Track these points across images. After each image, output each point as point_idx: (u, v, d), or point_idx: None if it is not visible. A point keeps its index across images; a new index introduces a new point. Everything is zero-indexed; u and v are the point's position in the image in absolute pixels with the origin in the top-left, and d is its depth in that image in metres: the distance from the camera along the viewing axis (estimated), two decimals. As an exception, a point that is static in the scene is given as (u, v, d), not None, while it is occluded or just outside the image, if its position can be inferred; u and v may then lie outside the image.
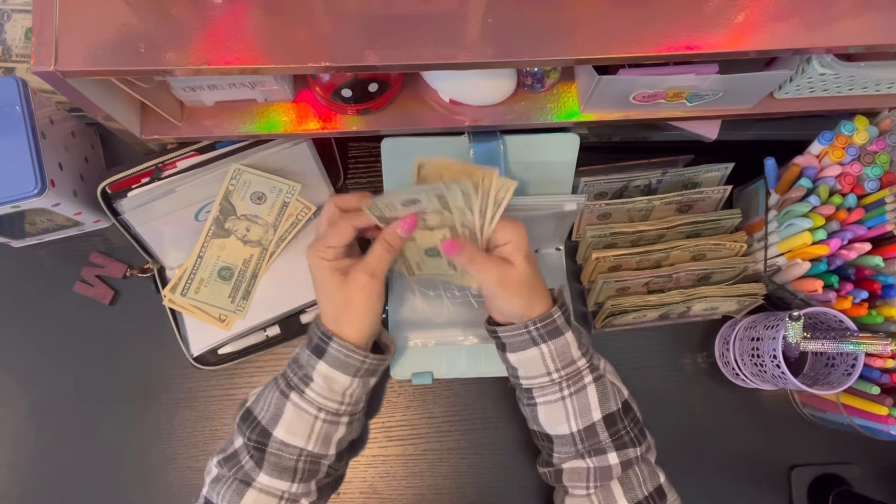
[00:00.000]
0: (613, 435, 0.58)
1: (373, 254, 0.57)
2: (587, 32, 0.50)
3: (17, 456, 0.71)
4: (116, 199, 0.65)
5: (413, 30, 0.49)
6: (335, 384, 0.58)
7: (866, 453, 0.75)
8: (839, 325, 0.66)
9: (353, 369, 0.58)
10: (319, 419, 0.58)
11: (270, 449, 0.57)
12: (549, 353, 0.58)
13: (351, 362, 0.57)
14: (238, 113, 0.63)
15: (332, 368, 0.57)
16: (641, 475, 0.59)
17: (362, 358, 0.58)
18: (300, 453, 0.57)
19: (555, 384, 0.59)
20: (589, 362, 0.59)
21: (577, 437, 0.59)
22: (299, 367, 0.59)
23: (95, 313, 0.74)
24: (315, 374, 0.57)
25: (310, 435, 0.57)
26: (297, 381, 0.58)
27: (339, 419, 0.59)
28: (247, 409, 0.59)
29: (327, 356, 0.57)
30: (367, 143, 0.80)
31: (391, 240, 0.57)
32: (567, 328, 0.58)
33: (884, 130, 0.66)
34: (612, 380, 0.60)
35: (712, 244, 0.68)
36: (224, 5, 0.49)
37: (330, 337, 0.57)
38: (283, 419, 0.57)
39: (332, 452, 0.60)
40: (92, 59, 0.47)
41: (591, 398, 0.58)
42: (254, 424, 0.57)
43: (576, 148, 0.66)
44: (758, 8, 0.51)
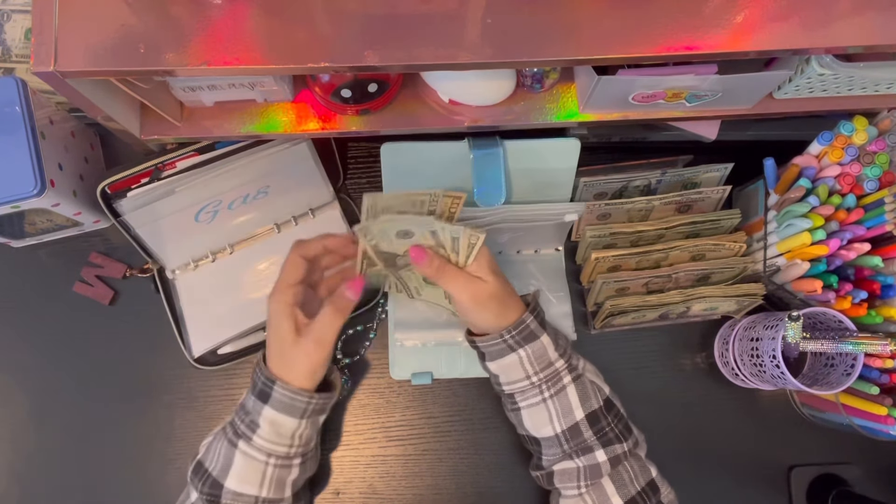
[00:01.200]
0: (598, 433, 0.59)
1: (322, 320, 0.57)
2: (586, 33, 0.50)
3: (17, 456, 0.71)
4: (116, 199, 0.65)
5: (413, 30, 0.49)
6: (283, 428, 0.57)
7: (866, 453, 0.75)
8: (838, 326, 0.66)
9: (300, 411, 0.57)
10: (270, 465, 0.57)
11: (224, 500, 0.56)
12: (526, 357, 0.59)
13: (297, 405, 0.57)
14: (238, 113, 0.63)
15: (278, 413, 0.56)
16: (632, 470, 0.59)
17: (308, 399, 0.57)
18: (255, 501, 0.57)
19: (535, 387, 0.59)
20: (567, 363, 0.60)
21: (562, 437, 0.59)
22: (245, 413, 0.58)
23: (95, 313, 0.74)
24: (261, 419, 0.57)
25: (262, 482, 0.57)
26: (243, 428, 0.57)
27: (290, 462, 0.59)
28: (198, 462, 0.59)
29: (272, 400, 0.56)
30: (367, 143, 0.80)
31: (340, 304, 0.58)
32: (542, 331, 0.59)
33: (883, 131, 0.66)
34: (591, 378, 0.61)
35: (712, 244, 0.68)
36: (224, 5, 0.49)
37: (273, 381, 0.56)
38: (234, 469, 0.56)
39: (287, 495, 0.59)
40: (91, 60, 0.47)
41: (572, 398, 0.59)
42: (205, 477, 0.57)
43: (577, 153, 0.66)
44: (757, 8, 0.51)
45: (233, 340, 0.72)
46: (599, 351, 0.76)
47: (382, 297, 0.75)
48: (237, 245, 0.75)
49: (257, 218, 0.74)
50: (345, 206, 0.77)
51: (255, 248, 0.75)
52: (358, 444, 0.73)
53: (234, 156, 0.67)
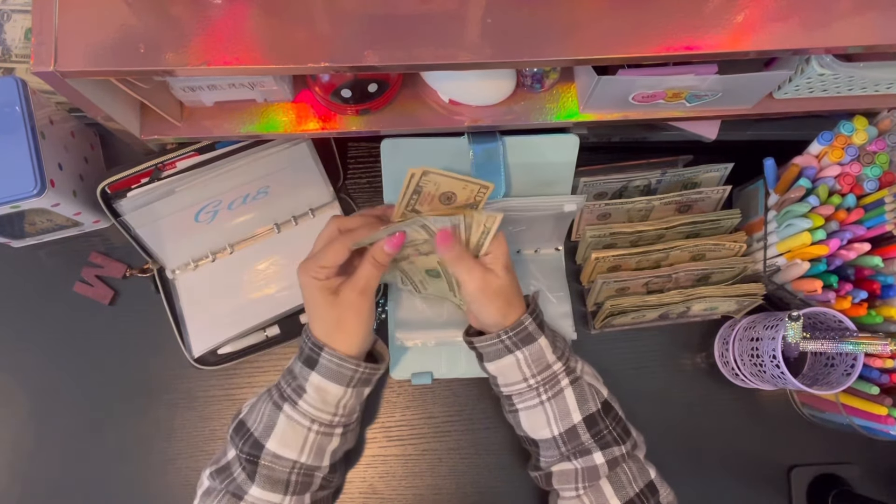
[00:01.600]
0: (595, 435, 0.59)
1: (361, 272, 0.58)
2: (586, 33, 0.50)
3: (17, 456, 0.71)
4: (116, 199, 0.65)
5: (413, 30, 0.49)
6: (328, 395, 0.57)
7: (866, 453, 0.75)
8: (838, 326, 0.66)
9: (347, 379, 0.58)
10: (313, 431, 0.57)
11: (263, 461, 0.56)
12: (524, 359, 0.59)
13: (344, 372, 0.57)
14: (238, 113, 0.63)
15: (324, 379, 0.57)
16: (630, 472, 0.59)
17: (355, 367, 0.58)
18: (293, 465, 0.57)
19: (532, 389, 0.59)
20: (565, 365, 0.60)
21: (559, 440, 0.59)
22: (293, 377, 0.58)
23: (95, 313, 0.74)
24: (308, 385, 0.57)
25: (303, 447, 0.57)
26: (290, 392, 0.58)
27: (332, 430, 0.59)
28: (240, 421, 0.59)
29: (319, 367, 0.57)
30: (367, 143, 0.80)
31: (379, 257, 0.58)
32: (540, 334, 0.59)
33: (883, 130, 0.66)
34: (589, 381, 0.61)
35: (712, 244, 0.68)
36: (224, 5, 0.49)
37: (321, 347, 0.57)
38: (276, 431, 0.56)
39: (325, 464, 0.59)
40: (91, 60, 0.47)
41: (570, 401, 0.59)
42: (247, 436, 0.57)
43: (575, 149, 0.66)
44: (757, 8, 0.51)
45: (233, 340, 0.72)
46: (599, 351, 0.76)
47: (382, 297, 0.75)
48: (237, 245, 0.75)
49: (257, 218, 0.74)
50: (345, 206, 0.77)
51: (255, 248, 0.75)
52: (358, 443, 0.73)
53: (234, 156, 0.67)
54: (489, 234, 0.58)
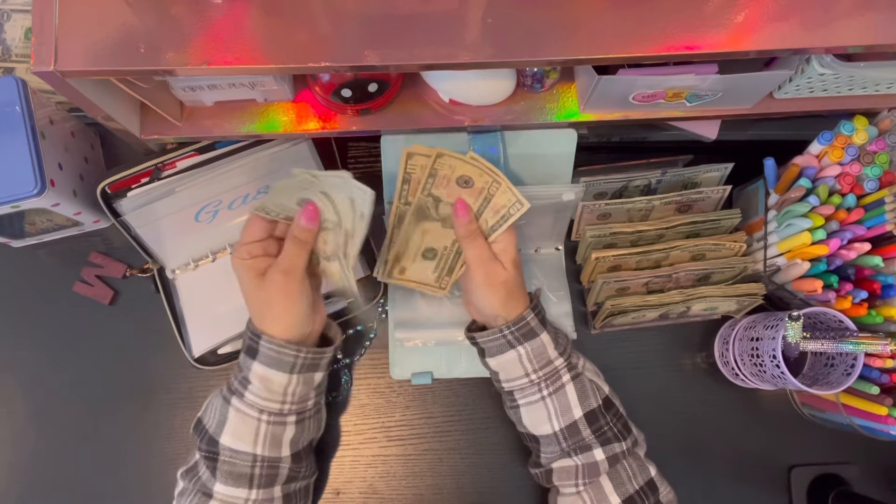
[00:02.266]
0: (596, 431, 0.59)
1: (286, 252, 0.57)
2: (586, 32, 0.50)
3: (17, 456, 0.71)
4: (116, 199, 0.65)
5: (413, 30, 0.49)
6: (272, 384, 0.57)
7: (866, 453, 0.75)
8: (839, 325, 0.66)
9: (289, 366, 0.57)
10: (263, 421, 0.57)
11: (222, 457, 0.56)
12: (525, 354, 0.59)
13: (285, 359, 0.56)
14: (238, 113, 0.63)
15: (266, 367, 0.56)
16: (630, 469, 0.59)
17: (295, 352, 0.56)
18: (253, 459, 0.57)
19: (534, 385, 0.59)
20: (567, 361, 0.60)
21: (560, 435, 0.59)
22: (239, 369, 0.58)
23: (95, 313, 0.74)
24: (251, 375, 0.56)
25: (255, 439, 0.57)
26: (236, 384, 0.57)
27: (284, 419, 0.58)
28: (197, 419, 0.59)
29: (260, 355, 0.56)
30: (367, 143, 0.79)
31: (300, 234, 0.56)
32: (542, 329, 0.59)
33: (883, 130, 0.66)
34: (590, 377, 0.61)
35: (712, 244, 0.68)
36: (224, 5, 0.49)
37: (259, 335, 0.56)
38: (228, 425, 0.56)
39: (285, 454, 0.59)
40: (92, 59, 0.47)
41: (571, 396, 0.59)
42: (203, 433, 0.57)
43: (573, 140, 0.66)
44: (757, 8, 0.51)
45: (233, 340, 0.72)
46: (599, 351, 0.76)
47: (383, 296, 0.75)
48: (237, 245, 0.74)
49: (257, 218, 0.74)
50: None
51: (255, 248, 0.75)
52: (358, 444, 0.73)
53: (235, 156, 0.67)
54: (507, 221, 0.58)
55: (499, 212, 0.58)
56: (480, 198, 0.59)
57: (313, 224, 0.57)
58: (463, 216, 0.58)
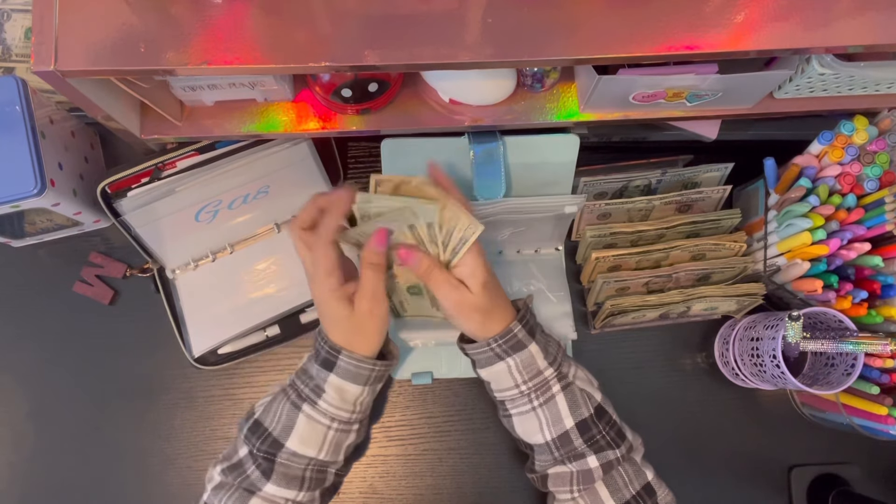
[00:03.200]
0: (588, 441, 0.58)
1: (365, 279, 0.57)
2: (587, 32, 0.50)
3: (17, 456, 0.71)
4: (116, 198, 0.65)
5: (413, 30, 0.49)
6: (347, 394, 0.58)
7: (866, 453, 0.75)
8: (839, 325, 0.66)
9: (364, 378, 0.58)
10: (332, 429, 0.58)
11: (280, 459, 0.57)
12: (514, 366, 0.59)
13: (362, 372, 0.58)
14: (238, 113, 0.63)
15: (343, 380, 0.57)
16: (626, 475, 0.59)
17: (371, 366, 0.58)
18: (309, 462, 0.58)
19: (524, 395, 0.59)
20: (557, 371, 0.59)
21: (552, 445, 0.59)
22: (309, 378, 0.59)
23: (95, 313, 0.74)
24: (327, 385, 0.58)
25: (322, 445, 0.58)
26: (308, 392, 0.58)
27: (350, 427, 0.60)
28: (255, 421, 0.59)
29: (338, 368, 0.57)
30: (367, 142, 0.79)
31: (372, 258, 0.57)
32: (530, 340, 0.59)
33: (883, 130, 0.66)
34: (581, 387, 0.60)
35: (712, 244, 0.68)
36: (224, 5, 0.49)
37: (339, 350, 0.57)
38: (296, 430, 0.57)
39: (340, 458, 0.61)
40: (92, 59, 0.47)
41: (561, 407, 0.59)
42: (264, 435, 0.57)
43: (576, 149, 0.66)
44: (757, 8, 0.51)
45: (233, 340, 0.72)
46: (599, 351, 0.76)
47: None
48: (237, 245, 0.75)
49: (257, 217, 0.74)
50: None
51: (255, 248, 0.75)
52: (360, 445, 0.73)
53: (235, 155, 0.67)
54: (466, 244, 0.56)
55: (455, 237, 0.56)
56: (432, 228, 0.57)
57: (384, 247, 0.57)
58: (409, 261, 0.56)
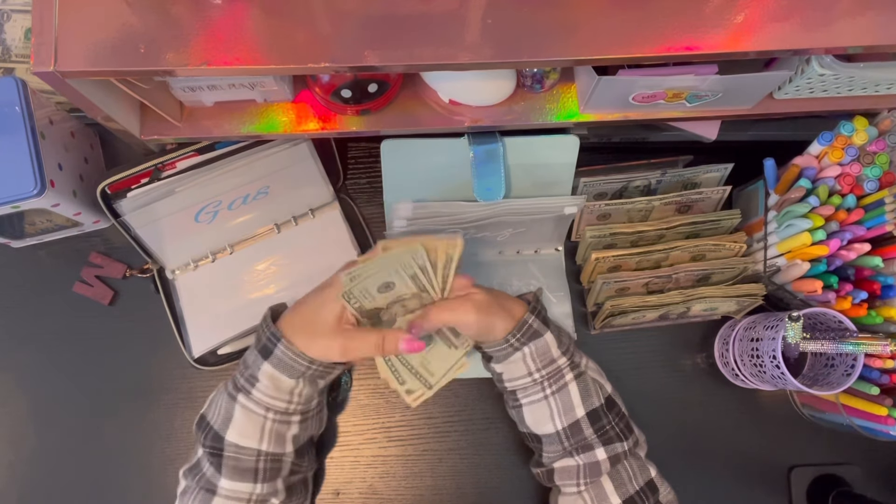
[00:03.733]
0: (598, 431, 0.59)
1: (364, 341, 0.56)
2: (587, 33, 0.50)
3: (17, 456, 0.71)
4: (116, 199, 0.65)
5: (413, 30, 0.49)
6: (281, 383, 0.57)
7: (866, 453, 0.75)
8: (839, 326, 0.66)
9: (298, 373, 0.57)
10: (269, 419, 0.57)
11: (227, 452, 0.56)
12: (529, 354, 0.59)
13: (296, 367, 0.57)
14: (238, 113, 0.63)
15: (276, 370, 0.57)
16: (631, 469, 0.59)
17: (307, 364, 0.57)
18: (257, 454, 0.57)
19: (537, 384, 0.60)
20: (570, 360, 0.60)
21: (562, 434, 0.59)
22: (246, 367, 0.58)
23: (95, 313, 0.74)
24: (260, 374, 0.57)
25: (261, 435, 0.57)
26: (243, 382, 0.58)
27: (289, 418, 0.59)
28: (201, 416, 0.59)
29: (273, 357, 0.56)
30: (367, 143, 0.80)
31: (389, 348, 0.56)
32: (545, 329, 0.59)
33: (883, 131, 0.66)
34: (593, 376, 0.61)
35: (712, 244, 0.68)
36: (224, 5, 0.49)
37: (279, 338, 0.56)
38: (234, 421, 0.57)
39: (289, 450, 0.60)
40: (92, 60, 0.47)
41: (574, 395, 0.59)
42: (207, 429, 0.58)
43: (576, 149, 0.66)
44: (757, 8, 0.51)
45: (233, 340, 0.72)
46: (599, 351, 0.76)
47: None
48: (237, 245, 0.75)
49: (257, 218, 0.74)
50: (345, 206, 0.77)
51: (255, 248, 0.75)
52: (358, 444, 0.73)
53: (234, 156, 0.67)
54: (453, 263, 0.56)
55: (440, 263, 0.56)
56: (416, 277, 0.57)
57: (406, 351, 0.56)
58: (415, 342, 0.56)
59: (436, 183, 0.66)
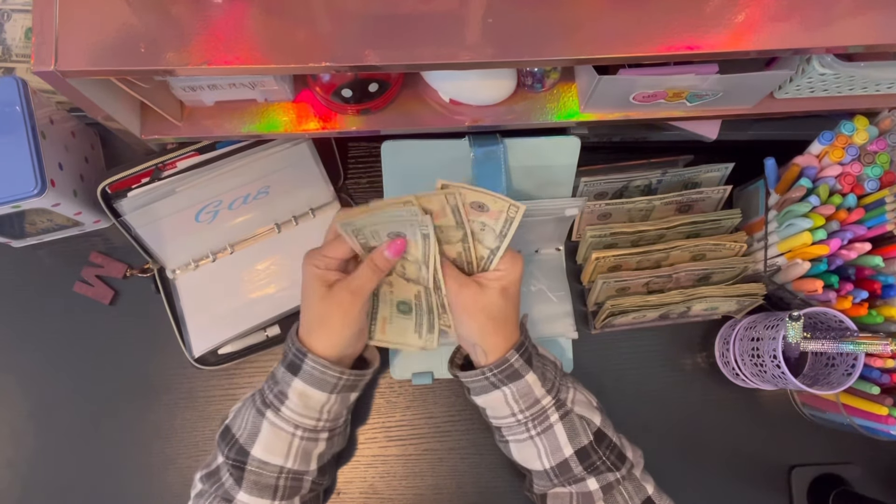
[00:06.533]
0: (588, 467, 0.57)
1: (358, 272, 0.57)
2: (587, 32, 0.50)
3: (17, 456, 0.71)
4: (116, 199, 0.65)
5: (413, 30, 0.49)
6: (311, 401, 0.57)
7: (866, 453, 0.75)
8: (839, 325, 0.66)
9: (330, 386, 0.57)
10: (297, 437, 0.57)
11: (249, 467, 0.56)
12: (511, 394, 0.57)
13: (328, 379, 0.56)
14: (238, 113, 0.63)
15: (307, 385, 0.56)
16: (626, 493, 0.58)
17: (339, 374, 0.57)
18: (280, 471, 0.57)
19: (521, 424, 0.58)
20: (555, 398, 0.58)
21: (550, 473, 0.58)
22: (275, 383, 0.58)
23: (95, 313, 0.74)
24: (290, 391, 0.57)
25: (288, 453, 0.57)
26: (272, 398, 0.57)
27: (317, 435, 0.59)
28: (226, 427, 0.59)
29: (303, 373, 0.56)
30: (367, 143, 0.80)
31: (380, 262, 0.57)
32: (527, 369, 0.57)
33: (884, 130, 0.66)
34: (580, 413, 0.59)
35: (712, 244, 0.68)
36: (224, 5, 0.49)
37: (305, 353, 0.56)
38: (261, 438, 0.56)
39: (313, 468, 0.59)
40: (92, 59, 0.47)
41: (560, 436, 0.57)
42: (232, 442, 0.57)
43: (576, 151, 0.66)
44: (758, 8, 0.51)
45: (233, 340, 0.72)
46: (599, 351, 0.76)
47: None
48: (237, 245, 0.75)
49: (258, 218, 0.74)
50: (345, 206, 0.77)
51: (255, 248, 0.75)
52: (358, 444, 0.73)
53: (235, 156, 0.67)
54: (511, 228, 0.55)
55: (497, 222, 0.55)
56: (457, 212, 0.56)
57: (397, 257, 0.57)
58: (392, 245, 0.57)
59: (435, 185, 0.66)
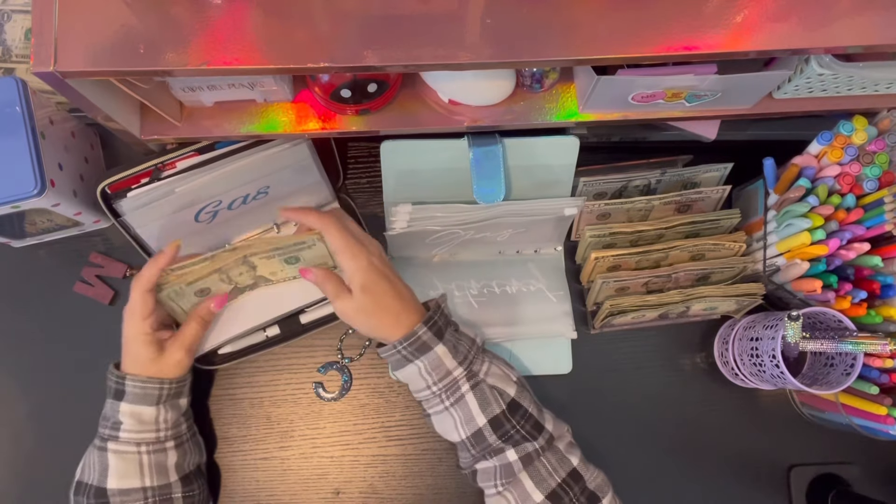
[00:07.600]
0: (503, 436, 0.59)
1: (188, 330, 0.64)
2: (586, 33, 0.50)
3: (17, 456, 0.71)
4: (116, 199, 0.65)
5: (412, 30, 0.49)
6: (143, 416, 0.59)
7: (865, 453, 0.75)
8: (838, 325, 0.66)
9: (155, 398, 0.60)
10: (143, 453, 0.59)
11: (112, 502, 0.58)
12: (424, 367, 0.59)
13: (150, 392, 0.59)
14: (237, 113, 0.63)
15: (134, 405, 0.59)
16: (549, 464, 0.59)
17: (159, 385, 0.60)
18: (144, 494, 0.58)
19: (436, 396, 0.60)
20: (467, 370, 0.60)
21: (467, 443, 0.60)
22: (106, 419, 0.60)
23: (95, 313, 0.74)
24: (121, 416, 0.59)
25: (141, 472, 0.59)
26: (108, 432, 0.59)
27: (163, 446, 0.61)
28: (76, 483, 0.61)
29: (127, 395, 0.59)
30: (367, 143, 0.80)
31: (206, 315, 0.65)
32: (436, 342, 0.59)
33: (882, 130, 0.66)
34: (492, 383, 0.61)
35: (711, 244, 0.69)
36: (223, 5, 0.49)
37: (124, 377, 0.59)
38: (111, 470, 0.58)
39: (174, 479, 0.61)
40: (91, 60, 0.47)
41: (472, 406, 0.60)
42: (87, 490, 0.59)
43: (575, 151, 0.66)
44: (756, 8, 0.51)
45: (233, 340, 0.72)
46: (599, 351, 0.76)
47: None
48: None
49: (257, 218, 0.74)
50: (345, 206, 0.77)
51: (255, 248, 0.75)
52: (358, 443, 0.73)
53: (234, 156, 0.67)
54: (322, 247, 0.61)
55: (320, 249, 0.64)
56: None
57: (218, 308, 0.66)
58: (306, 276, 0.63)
59: (436, 184, 0.67)
